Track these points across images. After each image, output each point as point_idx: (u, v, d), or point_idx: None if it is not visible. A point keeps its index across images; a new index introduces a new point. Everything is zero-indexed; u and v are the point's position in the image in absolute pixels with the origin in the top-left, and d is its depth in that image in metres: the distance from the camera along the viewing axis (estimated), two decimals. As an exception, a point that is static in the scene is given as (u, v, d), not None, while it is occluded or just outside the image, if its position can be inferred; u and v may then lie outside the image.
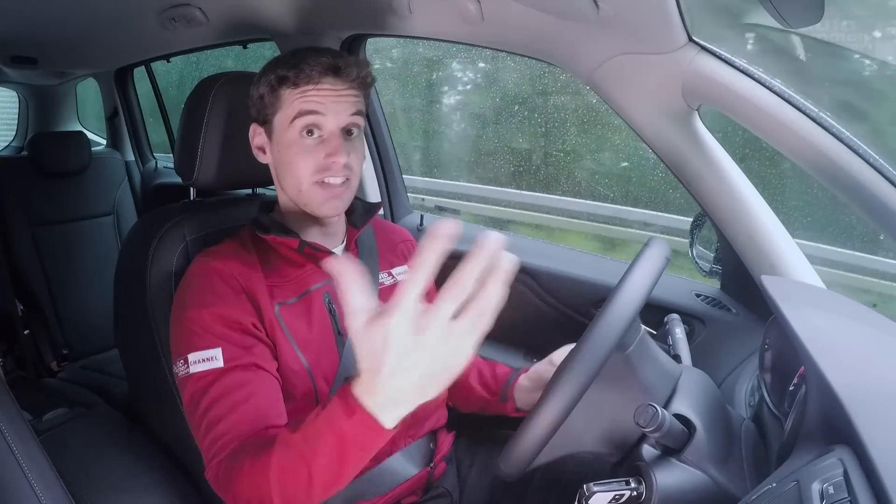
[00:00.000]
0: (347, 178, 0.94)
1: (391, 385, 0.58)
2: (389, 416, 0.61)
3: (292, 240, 0.95)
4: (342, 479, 0.69)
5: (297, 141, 0.91)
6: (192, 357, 0.85)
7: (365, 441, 0.64)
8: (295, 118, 0.90)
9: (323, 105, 0.90)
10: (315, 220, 0.98)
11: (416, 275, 0.53)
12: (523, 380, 1.07)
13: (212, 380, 0.84)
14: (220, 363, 0.84)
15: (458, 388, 1.14)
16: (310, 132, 0.91)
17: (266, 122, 0.95)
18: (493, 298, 0.54)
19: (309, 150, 0.91)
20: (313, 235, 0.99)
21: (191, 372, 0.85)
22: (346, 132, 0.93)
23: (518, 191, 3.04)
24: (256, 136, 0.97)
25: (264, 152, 0.97)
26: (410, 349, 0.55)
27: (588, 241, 2.86)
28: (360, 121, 0.95)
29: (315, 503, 0.71)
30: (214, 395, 0.83)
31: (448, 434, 1.12)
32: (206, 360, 0.84)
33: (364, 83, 0.95)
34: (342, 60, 0.91)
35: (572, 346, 0.77)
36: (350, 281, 0.56)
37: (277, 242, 0.96)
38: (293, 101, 0.91)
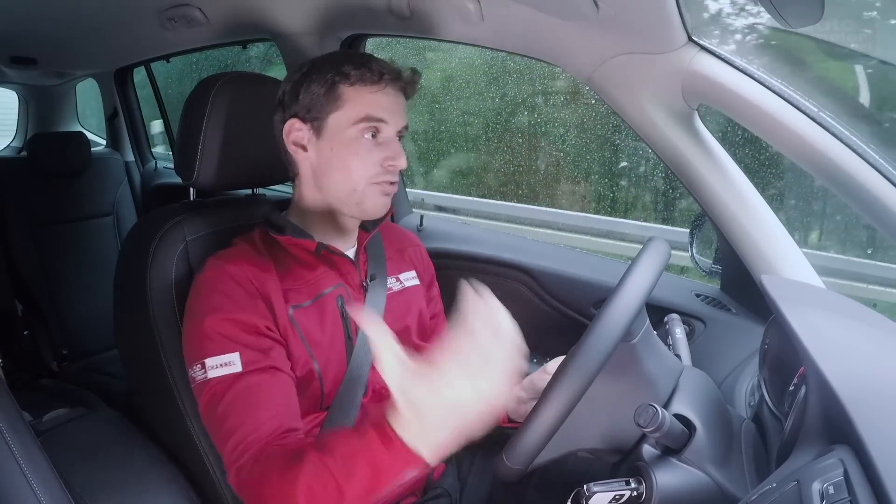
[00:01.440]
0: (394, 181, 0.96)
1: (431, 420, 0.62)
2: (429, 451, 0.65)
3: (309, 242, 0.94)
4: (374, 500, 0.71)
5: (356, 140, 0.92)
6: (209, 362, 0.85)
7: (401, 472, 0.66)
8: (361, 121, 0.91)
9: (388, 112, 0.92)
10: (333, 223, 0.98)
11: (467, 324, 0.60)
12: (516, 390, 1.06)
13: (229, 384, 0.84)
14: (237, 368, 0.84)
15: None
16: (373, 135, 0.93)
17: (316, 119, 0.93)
18: (508, 331, 0.61)
19: (369, 152, 0.92)
20: (328, 238, 0.98)
21: (209, 377, 0.84)
22: (399, 138, 0.96)
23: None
24: (295, 131, 0.95)
25: (305, 149, 0.95)
26: (453, 382, 0.60)
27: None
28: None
29: None
30: (232, 399, 0.83)
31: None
32: (223, 364, 0.84)
33: (413, 92, 0.98)
34: (402, 69, 0.95)
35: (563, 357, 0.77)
36: (378, 331, 0.62)
37: (292, 244, 0.95)
38: (357, 101, 0.91)
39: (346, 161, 0.92)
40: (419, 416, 0.63)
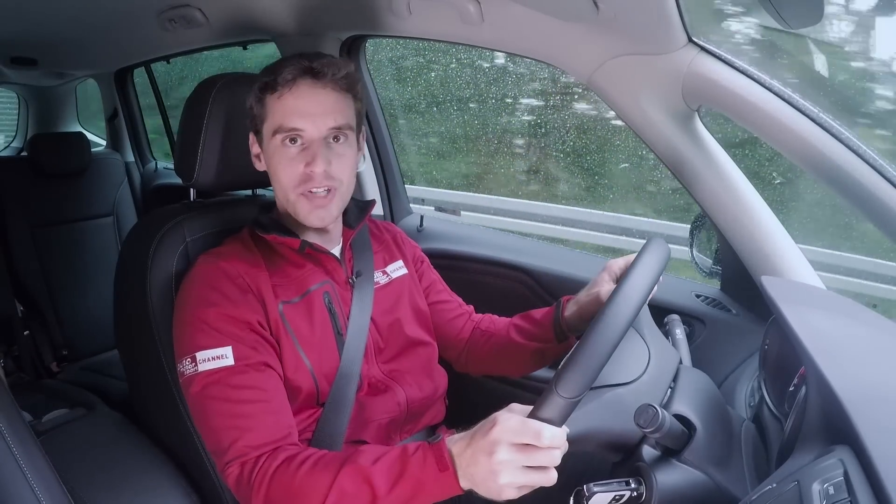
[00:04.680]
0: (331, 189, 0.92)
1: (482, 465, 0.68)
2: (465, 481, 0.70)
3: (293, 240, 0.95)
4: None
5: (279, 150, 0.91)
6: (200, 355, 0.85)
7: (438, 495, 0.72)
8: (276, 132, 0.90)
9: (301, 116, 0.89)
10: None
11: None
12: (571, 306, 1.04)
13: (222, 378, 0.84)
14: (230, 361, 0.84)
15: (504, 351, 1.09)
16: (292, 140, 0.90)
17: (258, 132, 0.95)
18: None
19: (290, 160, 0.91)
20: (311, 236, 0.99)
21: (199, 370, 0.84)
22: (332, 138, 0.91)
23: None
24: (253, 145, 0.98)
25: (260, 160, 0.98)
26: (521, 459, 0.66)
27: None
28: (347, 126, 0.92)
29: None
30: (227, 394, 0.83)
31: (447, 431, 1.12)
32: (216, 357, 0.84)
33: (348, 84, 0.92)
34: (319, 62, 0.89)
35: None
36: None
37: (278, 242, 0.96)
38: (274, 110, 0.91)
39: (275, 171, 0.93)
40: (480, 459, 0.68)
